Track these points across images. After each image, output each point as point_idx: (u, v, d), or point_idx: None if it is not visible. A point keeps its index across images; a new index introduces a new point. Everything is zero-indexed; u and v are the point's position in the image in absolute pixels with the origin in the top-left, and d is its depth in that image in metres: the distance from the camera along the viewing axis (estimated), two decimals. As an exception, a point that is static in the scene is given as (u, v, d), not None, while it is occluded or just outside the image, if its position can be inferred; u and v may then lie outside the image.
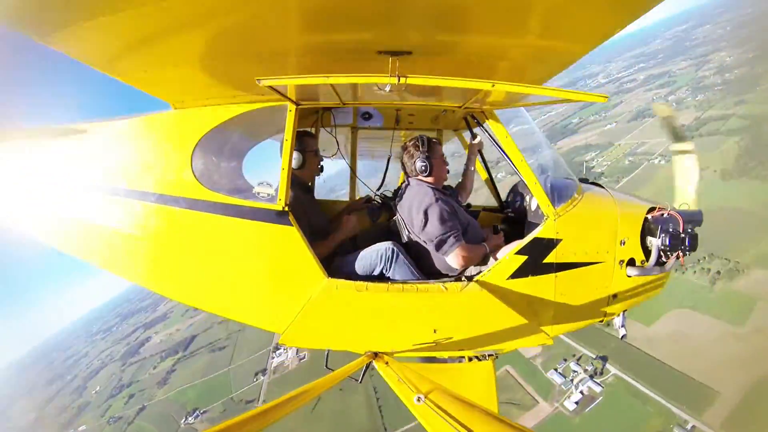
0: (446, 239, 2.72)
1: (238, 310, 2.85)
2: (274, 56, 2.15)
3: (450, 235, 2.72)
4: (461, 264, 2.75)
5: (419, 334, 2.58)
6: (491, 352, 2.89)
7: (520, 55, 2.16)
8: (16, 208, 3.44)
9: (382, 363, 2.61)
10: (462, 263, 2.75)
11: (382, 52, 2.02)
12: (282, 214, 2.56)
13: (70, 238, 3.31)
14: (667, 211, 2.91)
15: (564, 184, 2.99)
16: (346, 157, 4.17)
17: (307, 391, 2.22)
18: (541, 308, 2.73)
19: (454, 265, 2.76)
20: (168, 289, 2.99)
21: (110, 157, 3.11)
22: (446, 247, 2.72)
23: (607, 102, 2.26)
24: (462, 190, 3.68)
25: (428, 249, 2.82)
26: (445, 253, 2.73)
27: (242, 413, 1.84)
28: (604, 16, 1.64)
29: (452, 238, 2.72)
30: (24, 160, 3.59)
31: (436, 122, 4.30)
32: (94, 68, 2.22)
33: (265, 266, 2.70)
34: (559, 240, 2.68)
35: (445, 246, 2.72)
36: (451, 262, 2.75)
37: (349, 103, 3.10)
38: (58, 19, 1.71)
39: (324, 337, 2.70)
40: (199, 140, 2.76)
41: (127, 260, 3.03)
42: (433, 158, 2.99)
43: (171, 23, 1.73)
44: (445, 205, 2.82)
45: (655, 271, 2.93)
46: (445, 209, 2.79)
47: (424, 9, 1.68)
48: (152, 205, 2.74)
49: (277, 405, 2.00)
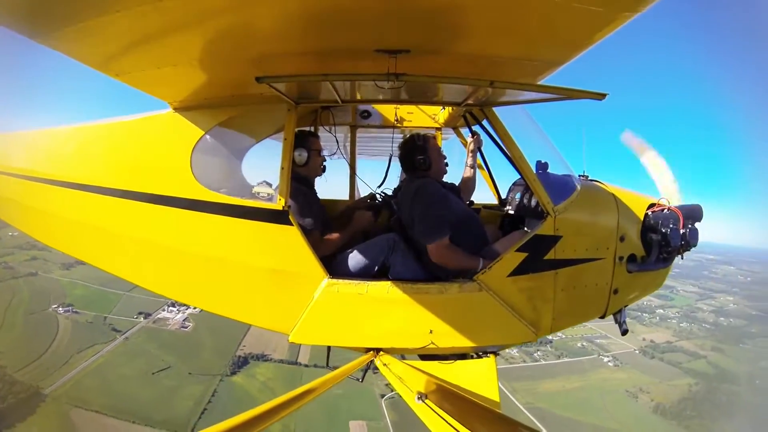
0: (431, 229, 2.65)
1: (238, 311, 2.85)
2: (272, 56, 2.14)
3: (435, 224, 2.66)
4: (438, 259, 2.65)
5: (419, 333, 2.58)
6: (493, 349, 2.89)
7: (519, 52, 2.16)
8: (16, 207, 3.44)
9: (384, 362, 2.60)
10: (439, 259, 2.64)
11: (381, 50, 2.02)
12: (282, 214, 2.55)
13: (70, 239, 3.32)
14: (667, 207, 2.91)
15: (564, 181, 2.98)
16: (345, 156, 4.17)
17: (308, 390, 2.22)
18: (542, 305, 2.73)
19: (432, 257, 2.66)
20: (168, 289, 2.99)
21: (110, 158, 3.11)
22: (428, 237, 2.65)
23: (604, 99, 2.27)
24: (464, 187, 3.68)
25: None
26: (427, 243, 2.65)
27: (240, 413, 1.83)
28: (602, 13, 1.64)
29: (436, 228, 2.65)
30: (24, 161, 3.59)
31: (434, 120, 4.30)
32: (93, 68, 2.22)
33: (265, 266, 2.70)
34: (559, 237, 2.67)
35: (428, 236, 2.65)
36: (430, 254, 2.65)
37: (347, 101, 3.09)
38: (57, 19, 1.71)
39: (330, 336, 2.71)
40: (198, 140, 2.77)
41: (128, 260, 3.04)
42: (431, 152, 2.99)
43: (169, 23, 1.73)
44: (441, 197, 2.79)
45: (655, 266, 2.94)
46: (443, 199, 2.78)
47: (422, 7, 1.68)
48: (152, 206, 2.74)
49: (277, 405, 2.00)
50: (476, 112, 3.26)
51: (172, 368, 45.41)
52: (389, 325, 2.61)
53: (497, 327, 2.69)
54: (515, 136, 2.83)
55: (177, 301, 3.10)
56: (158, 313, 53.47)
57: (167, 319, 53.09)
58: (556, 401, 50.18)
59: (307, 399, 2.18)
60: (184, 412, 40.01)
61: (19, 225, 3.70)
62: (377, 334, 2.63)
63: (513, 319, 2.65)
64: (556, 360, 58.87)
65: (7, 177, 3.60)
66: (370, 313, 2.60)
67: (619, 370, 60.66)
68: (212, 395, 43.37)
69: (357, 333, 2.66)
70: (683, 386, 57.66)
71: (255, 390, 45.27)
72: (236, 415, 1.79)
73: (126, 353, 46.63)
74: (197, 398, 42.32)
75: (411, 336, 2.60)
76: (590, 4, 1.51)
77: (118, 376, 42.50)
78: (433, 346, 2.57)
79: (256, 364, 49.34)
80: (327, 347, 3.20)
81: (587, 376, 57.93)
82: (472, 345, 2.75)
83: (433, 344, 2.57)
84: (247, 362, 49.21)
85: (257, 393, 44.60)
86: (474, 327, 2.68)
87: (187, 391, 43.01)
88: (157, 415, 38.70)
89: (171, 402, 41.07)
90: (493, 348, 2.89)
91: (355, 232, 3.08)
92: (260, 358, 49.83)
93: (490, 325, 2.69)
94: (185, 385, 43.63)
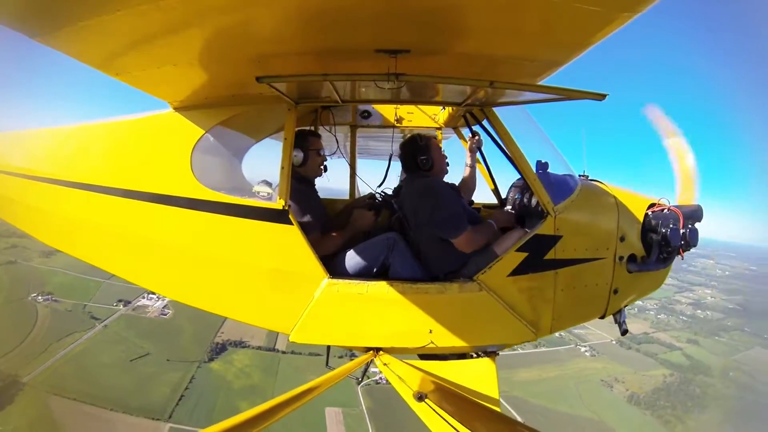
0: (455, 222, 2.72)
1: (238, 310, 2.85)
2: (273, 55, 2.14)
3: (458, 218, 2.74)
4: (470, 248, 2.73)
5: (419, 333, 2.59)
6: (493, 349, 2.89)
7: (519, 52, 2.16)
8: (17, 206, 3.44)
9: (384, 361, 2.61)
10: (470, 247, 2.73)
11: (381, 50, 2.02)
12: (282, 213, 2.55)
13: (70, 238, 3.32)
14: (668, 207, 2.91)
15: (564, 181, 2.98)
16: (345, 156, 4.17)
17: (308, 390, 2.22)
18: (542, 305, 2.73)
19: (463, 248, 2.73)
20: (169, 289, 2.99)
21: (110, 157, 3.11)
22: (455, 230, 2.70)
23: (605, 99, 2.26)
24: (464, 187, 3.68)
25: (430, 245, 2.81)
26: (455, 236, 2.70)
27: (240, 413, 1.83)
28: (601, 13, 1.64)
29: (460, 220, 2.73)
30: (25, 160, 3.59)
31: (434, 120, 4.30)
32: (93, 68, 2.22)
33: (265, 266, 2.70)
34: (559, 236, 2.68)
35: (453, 229, 2.71)
36: (461, 246, 2.72)
37: (348, 101, 3.09)
38: (57, 18, 1.71)
39: (330, 335, 2.71)
40: (198, 140, 2.77)
41: (128, 260, 3.04)
42: (433, 152, 3.01)
43: (170, 23, 1.73)
44: (452, 191, 2.87)
45: (655, 266, 2.94)
46: (452, 194, 2.84)
47: (423, 7, 1.68)
48: (152, 205, 2.74)
49: (277, 404, 1.99)
50: (476, 112, 3.26)
51: (151, 355, 45.68)
52: (389, 325, 2.61)
53: (497, 327, 2.69)
54: (515, 136, 2.83)
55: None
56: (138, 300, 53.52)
57: (146, 307, 53.24)
58: (531, 390, 50.43)
59: (307, 398, 2.18)
60: (161, 398, 40.40)
61: (20, 224, 3.71)
62: (377, 334, 2.63)
63: (513, 319, 2.65)
64: (533, 349, 58.87)
65: (8, 176, 3.60)
66: (370, 312, 2.60)
67: (595, 359, 61.17)
68: (189, 382, 43.73)
69: (357, 332, 2.66)
70: (658, 377, 58.30)
71: (232, 376, 45.69)
72: (236, 415, 1.79)
73: (105, 341, 46.83)
74: (174, 385, 42.68)
75: (411, 336, 2.60)
76: (590, 4, 1.51)
77: (97, 363, 42.79)
78: (433, 345, 2.58)
79: (234, 351, 49.70)
80: (327, 347, 3.20)
81: (564, 365, 58.48)
82: (472, 345, 2.75)
83: (433, 344, 2.58)
84: (225, 349, 49.61)
85: (234, 379, 45.13)
86: (474, 327, 2.69)
87: (164, 377, 43.34)
88: (134, 401, 39.01)
89: (148, 389, 41.36)
90: (493, 348, 2.89)
91: (356, 231, 3.08)
92: (238, 344, 50.13)
93: (489, 325, 2.69)
94: (163, 372, 43.94)
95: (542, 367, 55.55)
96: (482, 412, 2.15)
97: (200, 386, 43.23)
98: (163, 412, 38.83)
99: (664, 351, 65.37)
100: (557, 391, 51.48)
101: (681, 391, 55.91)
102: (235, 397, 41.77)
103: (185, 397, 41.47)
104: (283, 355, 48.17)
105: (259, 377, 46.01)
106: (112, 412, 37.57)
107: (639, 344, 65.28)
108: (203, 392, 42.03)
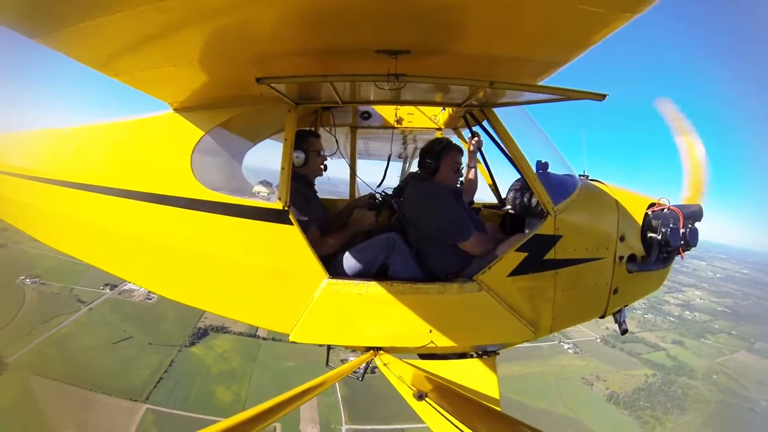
0: (458, 228, 2.78)
1: (238, 310, 2.86)
2: (273, 56, 2.14)
3: (461, 223, 2.79)
4: (479, 251, 2.81)
5: (419, 333, 2.59)
6: (493, 348, 2.89)
7: (519, 53, 2.16)
8: (17, 207, 3.44)
9: (384, 361, 2.61)
10: (478, 251, 2.81)
11: (381, 51, 2.02)
12: (282, 213, 2.56)
13: (70, 238, 3.32)
14: (668, 207, 2.91)
15: (564, 181, 2.99)
16: (345, 157, 4.17)
17: (308, 389, 2.22)
18: (542, 305, 2.74)
19: (472, 251, 2.80)
20: (169, 289, 2.99)
21: (111, 158, 3.12)
22: (463, 234, 2.77)
23: (604, 100, 2.26)
24: (465, 188, 3.68)
25: (433, 247, 2.82)
26: (463, 240, 2.77)
27: (240, 413, 1.84)
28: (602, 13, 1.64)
29: (464, 225, 2.78)
30: (25, 161, 3.60)
31: (435, 121, 4.30)
32: (93, 69, 2.22)
33: (265, 266, 2.70)
34: (559, 236, 2.68)
35: (461, 233, 2.77)
36: (470, 249, 2.80)
37: (348, 102, 3.09)
38: (57, 19, 1.71)
39: (330, 335, 2.71)
40: (198, 140, 2.77)
41: (128, 260, 3.04)
42: (443, 161, 3.00)
43: (169, 24, 1.73)
44: (451, 196, 2.90)
45: (655, 266, 2.94)
46: (452, 200, 2.86)
47: (423, 7, 1.68)
48: (152, 205, 2.74)
49: (277, 404, 2.00)
50: (476, 113, 3.26)
51: (133, 338, 46.06)
52: (389, 325, 2.62)
53: (497, 327, 2.69)
54: (515, 137, 2.83)
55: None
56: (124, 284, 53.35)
57: (132, 291, 53.33)
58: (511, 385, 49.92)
59: (307, 398, 2.18)
60: (140, 381, 40.88)
61: (20, 225, 3.71)
62: (377, 334, 2.63)
63: (513, 319, 2.65)
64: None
65: (8, 177, 3.61)
66: (369, 312, 2.60)
67: (578, 357, 60.76)
68: (169, 365, 44.18)
69: (357, 332, 2.66)
70: (640, 376, 57.89)
71: (211, 360, 46.20)
72: (236, 415, 1.79)
73: (89, 324, 47.21)
74: (154, 368, 43.14)
75: (411, 335, 2.60)
76: (590, 5, 1.51)
77: (80, 346, 43.15)
78: (433, 345, 2.58)
79: (216, 336, 50.06)
80: (327, 346, 3.20)
81: (546, 361, 58.18)
82: (472, 344, 2.75)
83: (433, 344, 2.58)
84: (207, 334, 49.91)
85: (213, 363, 45.62)
86: (473, 327, 2.69)
87: (145, 360, 43.77)
88: (113, 383, 39.42)
89: (129, 371, 41.83)
90: (493, 347, 2.89)
91: (356, 231, 3.08)
92: (220, 330, 50.39)
93: (489, 325, 2.69)
94: (144, 355, 44.37)
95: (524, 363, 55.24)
96: (483, 411, 2.16)
97: (179, 370, 43.71)
98: (142, 393, 39.40)
99: (648, 351, 65.07)
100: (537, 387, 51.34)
101: (662, 391, 55.62)
102: (212, 382, 42.50)
103: (164, 379, 41.98)
104: (264, 341, 48.51)
105: (237, 362, 46.40)
106: (91, 392, 37.97)
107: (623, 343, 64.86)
108: (182, 376, 42.53)
